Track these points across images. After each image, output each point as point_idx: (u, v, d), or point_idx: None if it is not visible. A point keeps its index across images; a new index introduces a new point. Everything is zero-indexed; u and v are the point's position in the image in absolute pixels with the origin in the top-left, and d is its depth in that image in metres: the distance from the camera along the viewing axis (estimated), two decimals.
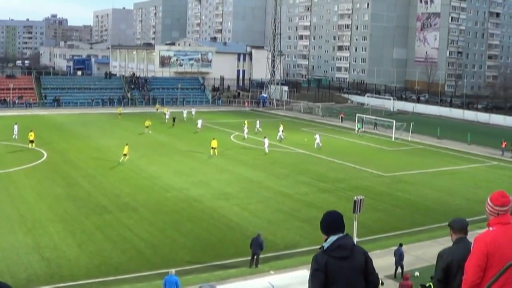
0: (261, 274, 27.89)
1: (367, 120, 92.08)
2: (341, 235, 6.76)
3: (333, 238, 6.73)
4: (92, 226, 37.26)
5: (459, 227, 7.21)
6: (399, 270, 30.76)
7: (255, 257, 31.10)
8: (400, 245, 31.99)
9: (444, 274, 7.03)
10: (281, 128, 76.23)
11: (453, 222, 7.38)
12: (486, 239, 6.16)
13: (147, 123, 78.93)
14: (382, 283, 25.02)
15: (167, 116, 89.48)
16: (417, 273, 30.20)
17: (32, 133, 64.58)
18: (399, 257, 31.08)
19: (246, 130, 75.50)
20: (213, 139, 63.97)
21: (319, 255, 6.70)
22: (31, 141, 64.06)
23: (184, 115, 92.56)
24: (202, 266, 31.21)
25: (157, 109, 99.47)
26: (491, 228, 6.26)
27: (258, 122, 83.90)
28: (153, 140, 72.76)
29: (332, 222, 6.84)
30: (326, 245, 6.72)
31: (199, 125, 79.01)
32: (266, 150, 65.62)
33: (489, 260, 6.10)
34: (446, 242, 30.58)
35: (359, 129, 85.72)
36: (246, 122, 79.94)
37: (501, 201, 6.23)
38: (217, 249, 33.99)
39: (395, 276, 30.51)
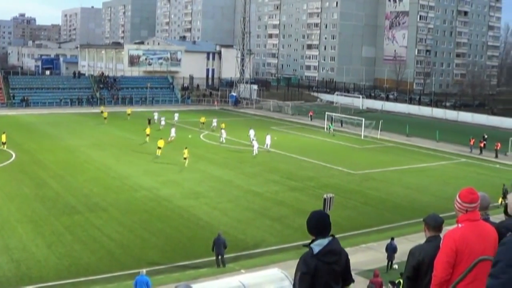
0: (231, 273, 27.88)
1: (336, 118, 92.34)
2: (331, 238, 6.78)
3: (323, 241, 6.72)
4: (61, 227, 36.98)
5: (434, 225, 7.24)
6: (394, 265, 31.10)
7: (220, 257, 31.07)
8: (392, 239, 32.21)
9: (414, 272, 7.07)
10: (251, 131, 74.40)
11: (428, 219, 7.40)
12: (455, 235, 6.19)
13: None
14: (353, 281, 25.08)
15: (155, 117, 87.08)
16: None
17: (4, 135, 64.05)
18: (392, 250, 31.30)
19: (224, 135, 73.44)
20: (161, 138, 63.37)
21: (309, 258, 6.68)
22: (4, 143, 63.48)
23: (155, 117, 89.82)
24: (173, 266, 31.13)
25: (101, 111, 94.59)
26: (460, 225, 6.30)
27: (214, 120, 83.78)
28: (122, 140, 72.39)
29: (319, 223, 6.85)
30: (316, 248, 6.71)
31: (172, 133, 72.41)
32: (255, 152, 64.43)
33: (458, 256, 6.13)
34: (415, 239, 30.92)
35: (330, 128, 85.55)
36: (203, 119, 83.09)
37: (470, 198, 6.27)
38: (188, 249, 33.92)
39: (387, 271, 30.92)
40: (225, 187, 49.51)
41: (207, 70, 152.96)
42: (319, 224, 6.83)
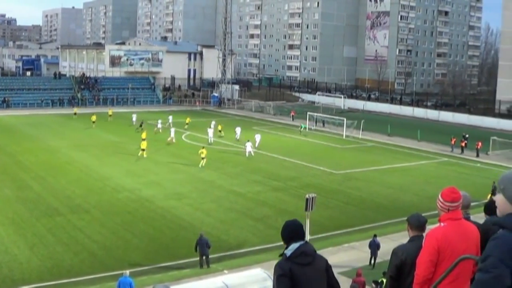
0: (215, 273, 27.89)
1: (318, 118, 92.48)
2: (302, 242, 6.91)
3: (295, 245, 6.85)
4: (44, 229, 36.84)
5: (417, 225, 7.31)
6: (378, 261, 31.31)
7: (204, 257, 31.10)
8: (375, 236, 32.40)
9: (397, 271, 7.14)
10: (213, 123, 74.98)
11: (411, 218, 7.46)
12: (437, 234, 6.25)
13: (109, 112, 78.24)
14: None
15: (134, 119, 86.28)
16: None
17: None
18: (375, 247, 31.48)
19: (210, 135, 72.87)
20: (143, 139, 63.22)
21: (283, 262, 6.82)
22: None
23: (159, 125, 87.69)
24: (156, 267, 31.11)
25: (75, 113, 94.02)
26: (442, 224, 6.36)
27: (212, 123, 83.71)
28: (104, 141, 72.18)
29: (292, 231, 7.01)
30: (288, 252, 6.84)
31: (172, 134, 72.42)
32: (247, 154, 63.90)
33: (440, 255, 6.20)
34: (398, 238, 31.04)
35: (304, 128, 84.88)
36: (188, 119, 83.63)
37: (452, 197, 6.34)
38: (171, 250, 33.90)
39: (373, 267, 31.21)
40: (208, 188, 49.49)
41: (189, 70, 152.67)
42: (292, 232, 6.98)
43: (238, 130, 73.84)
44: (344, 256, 31.46)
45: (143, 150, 61.67)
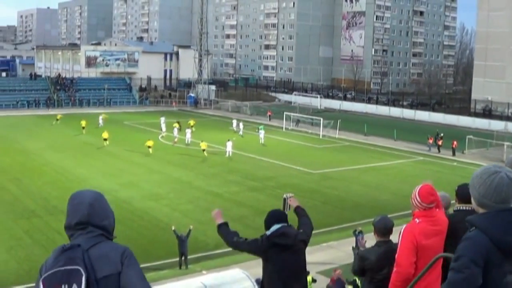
0: (193, 274, 27.89)
1: (295, 118, 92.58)
2: (284, 224, 6.98)
3: (276, 226, 6.93)
4: (21, 231, 36.69)
5: (383, 232, 7.39)
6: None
7: (183, 258, 31.44)
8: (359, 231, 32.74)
9: (361, 273, 7.27)
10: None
11: (377, 223, 7.53)
12: (414, 231, 6.34)
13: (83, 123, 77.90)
14: (315, 280, 25.29)
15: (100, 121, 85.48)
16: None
17: None
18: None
19: (188, 135, 72.70)
20: (149, 139, 63.54)
21: (261, 239, 6.93)
22: None
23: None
24: None
25: (57, 119, 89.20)
26: (417, 220, 6.45)
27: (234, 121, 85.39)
28: (79, 142, 71.84)
29: (275, 216, 7.13)
30: (269, 232, 6.92)
31: (175, 133, 73.68)
32: (227, 154, 64.22)
33: (419, 252, 6.28)
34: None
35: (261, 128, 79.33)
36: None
37: (430, 200, 6.44)
38: (148, 251, 33.80)
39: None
40: (185, 188, 49.50)
41: (165, 71, 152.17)
42: (274, 217, 7.10)
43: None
44: (322, 256, 31.56)
45: (149, 147, 63.97)
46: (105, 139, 67.50)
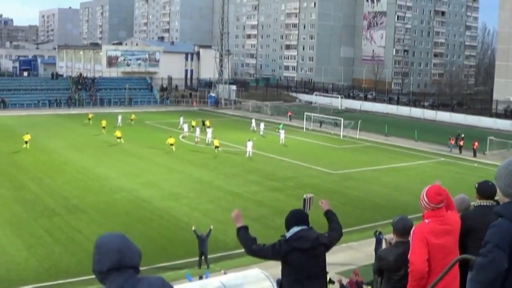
0: (212, 273, 27.90)
1: (315, 118, 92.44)
2: (304, 226, 6.94)
3: (296, 229, 6.89)
4: (41, 229, 36.87)
5: (402, 232, 7.37)
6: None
7: (203, 257, 31.43)
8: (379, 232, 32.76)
9: (380, 273, 7.26)
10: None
11: (397, 224, 7.52)
12: (424, 231, 6.38)
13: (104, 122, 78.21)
14: (333, 282, 25.20)
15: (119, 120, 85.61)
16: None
17: None
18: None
19: (209, 135, 72.99)
20: (170, 137, 63.82)
21: (279, 242, 6.89)
22: None
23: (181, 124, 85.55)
24: (153, 268, 31.05)
25: (89, 118, 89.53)
26: (427, 221, 6.47)
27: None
28: (100, 141, 72.12)
29: (295, 216, 7.08)
30: (288, 234, 6.89)
31: (185, 129, 78.80)
32: (247, 154, 64.23)
33: (430, 251, 6.29)
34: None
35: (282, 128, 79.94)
36: (194, 122, 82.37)
37: (438, 200, 6.48)
38: (168, 250, 33.92)
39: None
40: (205, 188, 49.52)
41: (186, 70, 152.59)
42: (295, 217, 7.05)
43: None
44: (342, 256, 31.44)
45: (171, 145, 65.38)
46: (119, 138, 68.63)
